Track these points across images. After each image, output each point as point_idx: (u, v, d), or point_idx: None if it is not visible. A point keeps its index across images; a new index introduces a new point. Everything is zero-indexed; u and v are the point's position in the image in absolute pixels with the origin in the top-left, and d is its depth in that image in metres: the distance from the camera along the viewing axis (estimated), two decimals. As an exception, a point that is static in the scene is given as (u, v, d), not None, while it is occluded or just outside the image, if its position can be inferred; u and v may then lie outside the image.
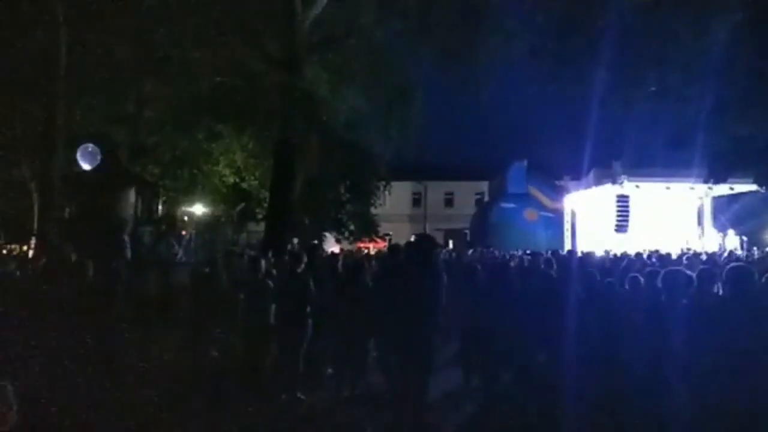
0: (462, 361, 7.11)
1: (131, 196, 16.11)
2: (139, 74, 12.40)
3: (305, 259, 6.64)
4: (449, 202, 40.34)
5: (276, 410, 5.86)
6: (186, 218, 19.65)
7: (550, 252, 12.01)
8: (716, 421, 4.34)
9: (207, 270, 7.68)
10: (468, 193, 38.74)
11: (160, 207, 19.99)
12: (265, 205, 16.41)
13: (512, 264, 9.52)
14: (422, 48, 13.79)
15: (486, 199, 35.37)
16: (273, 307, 6.22)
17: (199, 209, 18.52)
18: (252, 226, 19.40)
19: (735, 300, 4.80)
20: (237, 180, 17.50)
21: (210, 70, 12.73)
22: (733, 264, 5.85)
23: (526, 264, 9.71)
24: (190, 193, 17.89)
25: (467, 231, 32.33)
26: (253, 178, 17.58)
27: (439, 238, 31.17)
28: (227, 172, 17.07)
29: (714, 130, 9.63)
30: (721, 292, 5.29)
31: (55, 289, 5.99)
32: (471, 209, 34.89)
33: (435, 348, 5.45)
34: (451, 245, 28.51)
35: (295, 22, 13.56)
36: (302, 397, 6.16)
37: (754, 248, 14.36)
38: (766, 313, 4.66)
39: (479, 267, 8.15)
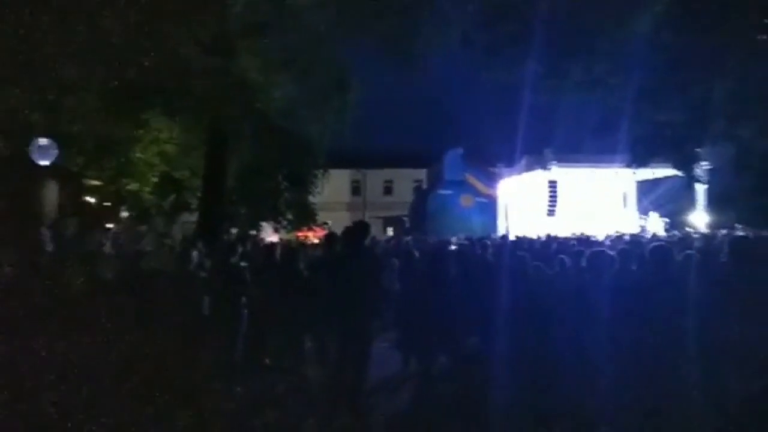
0: (400, 346, 7.19)
1: (53, 187, 15.25)
2: (60, 58, 11.64)
3: (240, 249, 6.51)
4: (388, 189, 40.57)
5: (212, 404, 5.72)
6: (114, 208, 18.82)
7: (484, 237, 12.32)
8: (638, 393, 4.59)
9: (136, 262, 7.39)
10: (407, 180, 39.10)
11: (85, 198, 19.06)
12: (199, 194, 15.92)
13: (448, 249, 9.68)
14: (358, 35, 13.69)
15: (424, 186, 35.88)
16: (206, 299, 6.07)
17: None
18: (185, 216, 18.77)
19: (656, 276, 5.10)
20: (168, 169, 16.85)
21: (136, 54, 12.13)
22: (654, 243, 6.20)
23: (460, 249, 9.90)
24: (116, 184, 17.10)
25: (406, 218, 32.69)
26: (184, 167, 16.99)
27: (379, 226, 31.41)
28: (157, 161, 16.41)
29: (636, 118, 10.13)
30: (644, 270, 5.58)
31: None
32: (410, 197, 35.29)
33: (372, 335, 5.49)
34: (390, 232, 28.81)
35: (227, 5, 13.13)
36: (239, 389, 6.06)
37: (675, 231, 15.32)
38: (685, 288, 4.98)
39: (416, 253, 8.26)
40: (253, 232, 18.54)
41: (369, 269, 5.47)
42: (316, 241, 16.54)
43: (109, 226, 15.66)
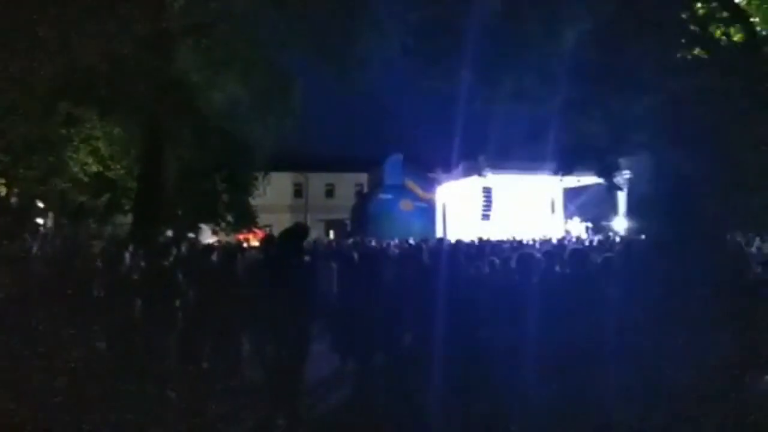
0: (338, 346, 7.32)
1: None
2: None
3: (174, 251, 6.47)
4: (330, 193, 40.63)
5: (147, 409, 5.67)
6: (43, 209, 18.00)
7: (421, 240, 12.66)
8: (558, 383, 4.93)
9: (66, 264, 7.22)
10: (348, 184, 39.30)
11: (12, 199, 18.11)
12: (134, 195, 15.50)
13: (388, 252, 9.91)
14: (299, 39, 13.76)
15: (365, 190, 36.20)
16: (138, 301, 6.01)
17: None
18: (119, 218, 18.20)
19: (575, 277, 5.51)
20: (101, 169, 16.28)
21: (69, 50, 11.71)
22: (572, 247, 6.66)
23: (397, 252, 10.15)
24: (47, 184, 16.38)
25: (348, 221, 32.85)
26: (119, 166, 16.48)
27: (321, 229, 31.40)
28: (90, 160, 15.82)
29: (562, 128, 10.71)
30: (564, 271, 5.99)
31: None
32: (351, 200, 35.50)
33: (310, 337, 5.59)
34: (332, 235, 28.90)
35: (165, 3, 12.92)
36: (173, 394, 6.01)
37: (597, 234, 16.25)
38: (601, 288, 5.39)
39: (355, 255, 8.42)
40: (191, 235, 18.20)
41: (307, 271, 5.59)
42: (257, 243, 16.44)
43: (40, 226, 15.02)
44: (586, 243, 12.44)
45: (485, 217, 19.65)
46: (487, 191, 19.79)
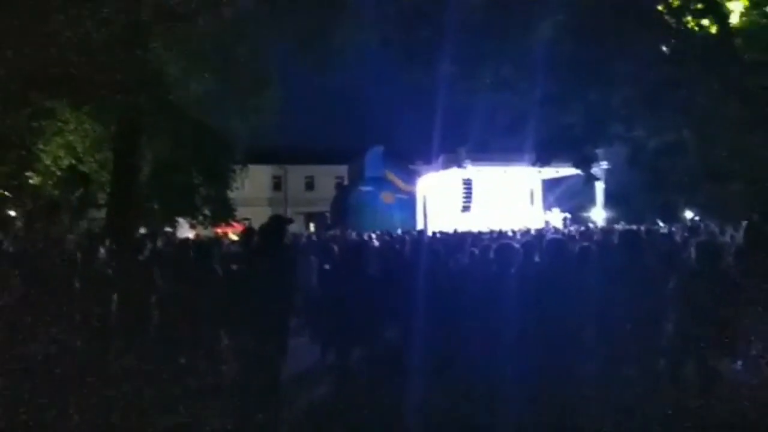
0: (319, 339, 7.31)
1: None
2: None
3: (149, 245, 6.37)
4: (310, 185, 40.48)
5: (122, 405, 5.59)
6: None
7: (402, 232, 12.70)
8: (538, 372, 4.98)
9: (38, 260, 7.07)
10: (328, 176, 39.17)
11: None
12: (108, 190, 15.24)
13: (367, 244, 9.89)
14: (276, 31, 13.63)
15: (345, 182, 36.13)
16: (114, 297, 5.91)
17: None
18: (93, 212, 17.90)
19: (552, 266, 5.55)
20: (74, 162, 15.94)
21: (42, 41, 11.43)
22: (550, 237, 6.72)
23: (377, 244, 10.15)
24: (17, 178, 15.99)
25: (328, 214, 32.77)
26: (93, 160, 16.15)
27: (301, 221, 31.32)
28: (62, 153, 15.47)
29: (540, 120, 10.85)
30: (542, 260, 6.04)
31: None
32: (331, 192, 35.42)
33: (289, 330, 5.56)
34: (312, 228, 28.85)
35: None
36: (150, 391, 5.92)
37: (575, 225, 16.47)
38: (578, 277, 5.45)
39: (335, 247, 8.40)
40: (169, 229, 17.99)
41: (286, 264, 5.54)
42: (235, 237, 16.31)
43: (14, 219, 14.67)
44: (565, 233, 12.58)
45: (465, 208, 19.82)
46: (467, 183, 19.96)
